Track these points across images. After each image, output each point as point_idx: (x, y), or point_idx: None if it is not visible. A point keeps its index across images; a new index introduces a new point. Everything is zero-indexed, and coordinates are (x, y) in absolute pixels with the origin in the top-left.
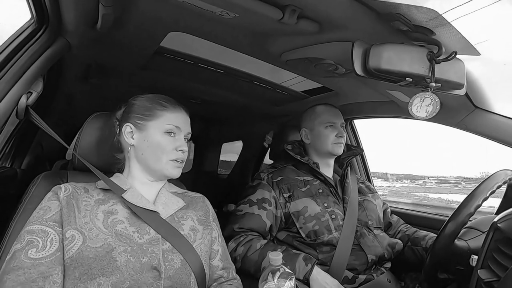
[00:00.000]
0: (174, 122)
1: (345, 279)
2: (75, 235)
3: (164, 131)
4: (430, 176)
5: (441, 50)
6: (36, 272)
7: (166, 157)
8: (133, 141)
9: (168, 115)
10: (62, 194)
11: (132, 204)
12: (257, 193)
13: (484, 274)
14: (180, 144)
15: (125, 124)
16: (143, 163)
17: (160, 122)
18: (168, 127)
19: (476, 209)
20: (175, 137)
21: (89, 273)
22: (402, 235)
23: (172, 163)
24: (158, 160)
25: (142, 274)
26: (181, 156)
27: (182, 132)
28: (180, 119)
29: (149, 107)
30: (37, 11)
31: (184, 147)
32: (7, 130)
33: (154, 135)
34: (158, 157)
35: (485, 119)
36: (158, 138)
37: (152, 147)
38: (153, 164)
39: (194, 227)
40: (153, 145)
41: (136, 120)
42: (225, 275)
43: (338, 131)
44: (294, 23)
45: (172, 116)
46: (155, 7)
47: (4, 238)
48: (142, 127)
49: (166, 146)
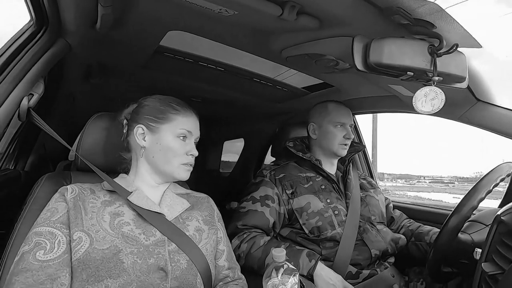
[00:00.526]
0: (187, 126)
1: (348, 274)
2: (82, 237)
3: (176, 135)
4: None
5: (442, 43)
6: (44, 274)
7: (177, 161)
8: (145, 143)
9: (181, 119)
10: (69, 196)
11: (138, 207)
12: (260, 190)
13: (488, 267)
14: (191, 148)
15: (137, 125)
16: (154, 165)
17: (173, 126)
18: (180, 131)
19: (480, 202)
20: (186, 141)
21: (97, 275)
22: (406, 230)
23: (183, 166)
24: (168, 163)
25: (149, 275)
26: (191, 160)
27: (193, 137)
28: (191, 124)
29: (162, 109)
30: (36, 13)
31: (194, 151)
32: (10, 132)
33: (166, 138)
34: (169, 161)
35: (488, 112)
36: (171, 142)
37: (164, 150)
38: (163, 166)
39: (199, 228)
40: (165, 148)
41: (149, 122)
42: (231, 275)
43: (346, 131)
44: (294, 19)
45: (185, 120)
46: (154, 6)
47: (10, 239)
48: (154, 130)
49: (178, 150)
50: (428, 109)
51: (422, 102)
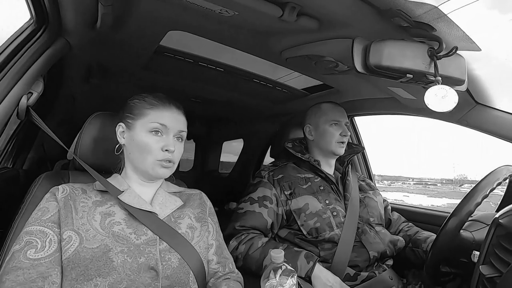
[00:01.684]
0: (160, 120)
1: (347, 276)
2: (72, 236)
3: (149, 130)
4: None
5: (442, 46)
6: (35, 273)
7: (152, 157)
8: (123, 140)
9: (154, 113)
10: (60, 195)
11: (129, 206)
12: (258, 191)
13: (486, 270)
14: (167, 143)
15: (118, 123)
16: (132, 163)
17: (145, 121)
18: (152, 126)
19: (477, 205)
20: (162, 137)
21: (86, 273)
22: (404, 235)
23: (158, 163)
24: (144, 160)
25: (140, 274)
26: (168, 156)
27: (171, 131)
28: (167, 118)
29: (138, 106)
30: (36, 11)
31: (170, 146)
32: (8, 130)
33: (139, 134)
34: (144, 157)
35: (487, 115)
36: (143, 138)
37: (138, 147)
38: (139, 164)
39: (191, 225)
40: (139, 144)
41: (127, 119)
42: (220, 269)
43: (342, 129)
44: (294, 21)
45: (158, 115)
46: (154, 5)
47: (7, 238)
48: (130, 126)
49: (152, 145)
50: (444, 108)
51: (435, 102)
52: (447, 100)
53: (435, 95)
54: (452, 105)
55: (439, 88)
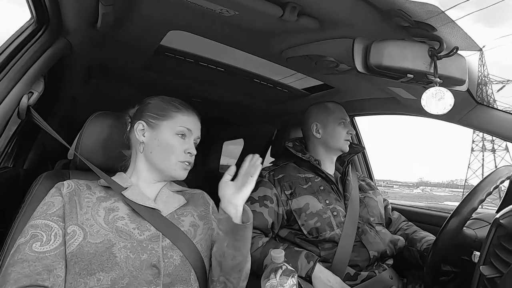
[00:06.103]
0: (187, 124)
1: (347, 276)
2: (76, 231)
3: (176, 132)
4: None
5: (443, 46)
6: (40, 265)
7: (175, 158)
8: (144, 138)
9: (182, 117)
10: (65, 190)
11: (132, 202)
12: (259, 190)
13: (487, 271)
14: (189, 146)
15: (138, 121)
16: (151, 161)
17: (173, 123)
18: (180, 129)
19: (480, 203)
20: (185, 140)
21: (89, 268)
22: (402, 233)
23: (180, 164)
24: (166, 160)
25: (142, 271)
26: (189, 158)
27: (193, 136)
28: (192, 123)
29: (164, 107)
30: (37, 11)
31: (192, 150)
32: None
33: (165, 135)
34: (167, 157)
35: (487, 115)
36: (169, 139)
37: (162, 146)
38: (160, 163)
39: (194, 223)
40: (163, 144)
41: (149, 118)
42: None
43: (348, 128)
44: (295, 20)
45: (185, 119)
46: (155, 5)
47: (8, 237)
48: (154, 126)
49: (176, 147)
50: (440, 110)
51: (431, 104)
52: (443, 103)
53: (432, 97)
54: (448, 108)
55: (436, 90)
